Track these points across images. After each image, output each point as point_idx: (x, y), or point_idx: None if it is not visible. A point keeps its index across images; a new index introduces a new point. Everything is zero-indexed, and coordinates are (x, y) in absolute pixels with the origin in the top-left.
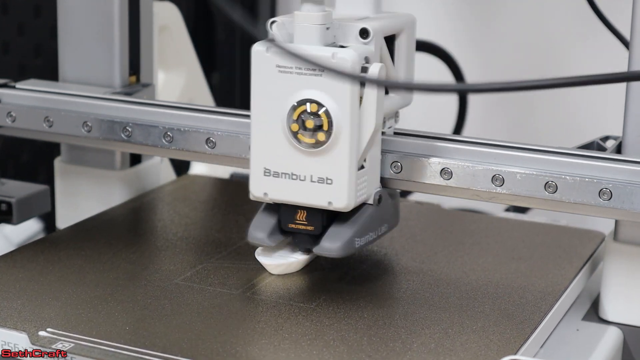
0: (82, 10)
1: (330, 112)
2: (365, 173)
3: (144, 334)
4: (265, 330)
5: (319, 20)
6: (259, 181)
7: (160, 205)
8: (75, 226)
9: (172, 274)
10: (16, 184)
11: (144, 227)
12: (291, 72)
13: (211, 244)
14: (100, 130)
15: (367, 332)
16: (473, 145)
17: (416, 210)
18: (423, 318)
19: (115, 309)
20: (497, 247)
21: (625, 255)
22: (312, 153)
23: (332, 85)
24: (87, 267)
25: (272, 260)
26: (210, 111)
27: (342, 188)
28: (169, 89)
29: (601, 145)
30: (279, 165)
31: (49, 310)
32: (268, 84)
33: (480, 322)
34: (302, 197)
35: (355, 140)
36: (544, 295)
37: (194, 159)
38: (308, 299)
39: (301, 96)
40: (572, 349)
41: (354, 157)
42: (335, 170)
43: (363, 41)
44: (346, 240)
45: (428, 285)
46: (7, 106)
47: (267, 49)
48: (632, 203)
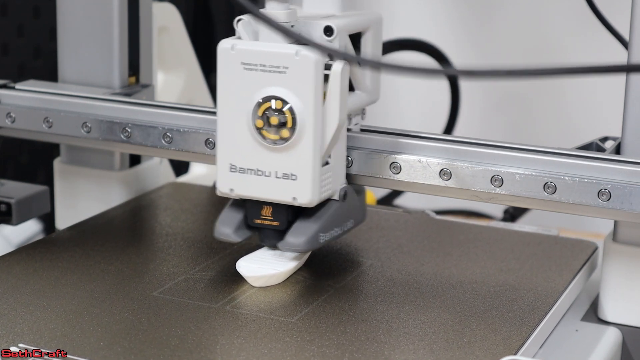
0: (82, 11)
1: (294, 109)
2: (329, 169)
3: (118, 349)
4: (243, 346)
5: (283, 18)
6: (225, 177)
7: (147, 214)
8: (74, 227)
9: (151, 285)
10: (16, 185)
11: (131, 234)
12: (256, 70)
13: (193, 254)
14: (100, 131)
15: (349, 348)
16: (472, 146)
17: (403, 219)
18: (407, 333)
19: (90, 323)
20: (485, 258)
21: (624, 256)
22: (277, 149)
23: (296, 82)
24: (65, 279)
25: (253, 272)
26: (209, 112)
27: (306, 184)
28: (168, 89)
29: (600, 146)
30: (245, 161)
31: (22, 324)
32: (233, 81)
33: (466, 337)
34: (267, 193)
35: (319, 136)
36: (533, 309)
37: (193, 160)
38: (289, 312)
39: (266, 93)
40: (572, 350)
41: (317, 153)
42: (299, 166)
43: (327, 39)
44: (310, 235)
45: (414, 298)
46: (7, 107)
47: (232, 47)
48: (631, 204)
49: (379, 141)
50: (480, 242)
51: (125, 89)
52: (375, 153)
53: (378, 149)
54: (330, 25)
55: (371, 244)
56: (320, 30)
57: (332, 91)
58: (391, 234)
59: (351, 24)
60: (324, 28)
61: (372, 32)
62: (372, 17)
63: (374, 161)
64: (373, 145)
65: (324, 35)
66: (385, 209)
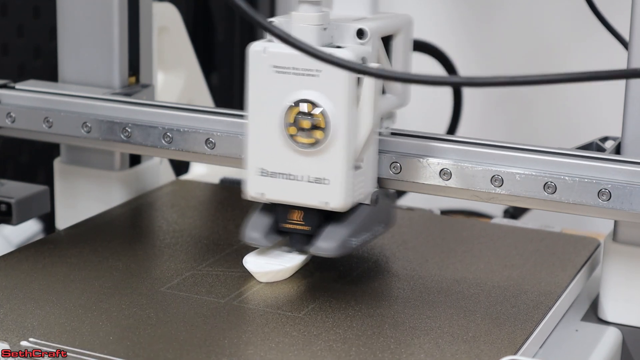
0: (82, 11)
1: (327, 113)
2: (361, 173)
3: (127, 344)
4: (251, 340)
5: (315, 21)
6: (255, 181)
7: (150, 211)
8: (74, 227)
9: (159, 281)
10: (16, 185)
11: (136, 232)
12: (288, 73)
13: (200, 251)
14: (100, 130)
15: (355, 342)
16: (472, 145)
17: (408, 216)
18: (413, 328)
19: (100, 318)
20: (489, 254)
21: (624, 256)
22: (309, 153)
23: (329, 85)
24: (73, 275)
25: (260, 267)
26: (209, 112)
27: (339, 188)
28: (168, 89)
29: (600, 145)
30: (276, 165)
31: (32, 319)
32: (264, 85)
33: (471, 332)
34: (299, 197)
35: (351, 140)
36: (537, 304)
37: (193, 160)
38: (296, 307)
39: (298, 96)
40: (572, 350)
41: (350, 157)
42: (331, 171)
43: (360, 42)
44: (342, 240)
45: (419, 293)
46: (7, 107)
47: (264, 50)
48: (631, 204)
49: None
50: (484, 239)
51: (125, 89)
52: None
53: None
54: (363, 28)
55: (376, 240)
56: (353, 33)
57: (365, 95)
58: (396, 230)
59: (383, 27)
60: (356, 31)
61: (402, 35)
62: (403, 20)
63: None
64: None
65: (356, 37)
66: None
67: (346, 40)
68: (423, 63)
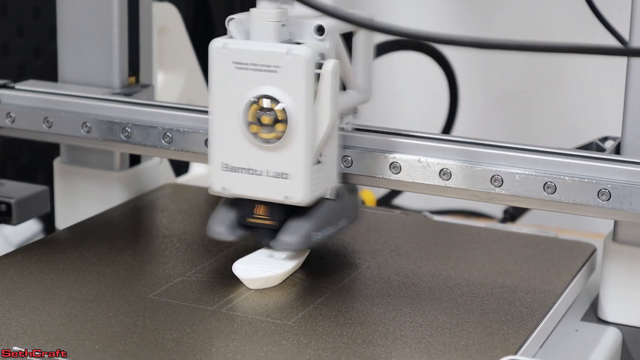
0: (82, 11)
1: (286, 108)
2: (321, 168)
3: (114, 352)
4: (239, 349)
5: (274, 17)
6: (217, 176)
7: (141, 216)
8: (73, 228)
9: (147, 288)
10: (15, 185)
11: (126, 237)
12: (247, 69)
13: (190, 256)
14: (100, 130)
15: (345, 351)
16: (472, 146)
17: (401, 221)
18: (404, 336)
19: (85, 326)
20: (483, 260)
21: (624, 256)
22: (270, 148)
23: (288, 81)
24: (60, 281)
25: (249, 274)
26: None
27: (300, 183)
28: (168, 89)
29: (600, 145)
30: (238, 160)
31: (16, 327)
32: (225, 80)
33: (463, 340)
34: (260, 192)
35: (310, 135)
36: (531, 312)
37: (193, 160)
38: (286, 315)
39: (257, 92)
40: (571, 350)
41: (309, 152)
42: (292, 165)
43: (318, 38)
44: (303, 234)
45: (411, 301)
46: (7, 107)
47: (224, 46)
48: (631, 204)
49: (376, 140)
50: (478, 244)
51: (125, 89)
52: (374, 152)
53: (375, 148)
54: (321, 24)
55: (368, 246)
56: (312, 29)
57: (323, 90)
58: (388, 236)
59: (342, 24)
60: (315, 27)
61: (364, 32)
62: (364, 17)
63: (374, 161)
64: (370, 144)
65: (315, 34)
66: (383, 210)
67: (305, 37)
68: (423, 63)
